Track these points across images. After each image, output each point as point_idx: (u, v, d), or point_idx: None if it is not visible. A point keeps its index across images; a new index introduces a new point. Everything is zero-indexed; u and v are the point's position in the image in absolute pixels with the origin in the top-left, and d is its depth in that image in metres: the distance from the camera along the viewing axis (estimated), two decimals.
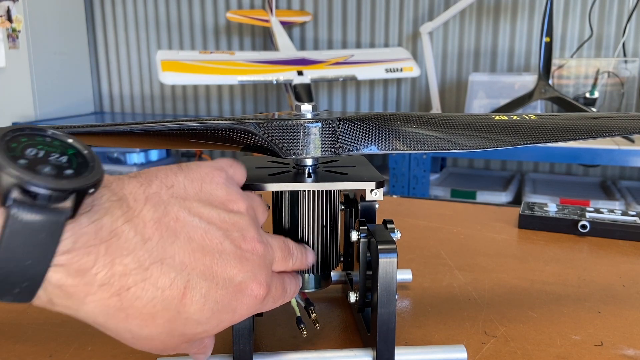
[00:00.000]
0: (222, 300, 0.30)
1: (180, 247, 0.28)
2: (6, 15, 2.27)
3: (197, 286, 0.29)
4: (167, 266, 0.28)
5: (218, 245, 0.30)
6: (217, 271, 0.30)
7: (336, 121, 0.38)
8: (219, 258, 0.30)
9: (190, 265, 0.28)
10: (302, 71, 1.77)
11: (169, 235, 0.28)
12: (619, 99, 1.76)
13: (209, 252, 0.29)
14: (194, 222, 0.30)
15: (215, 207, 0.31)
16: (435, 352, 0.39)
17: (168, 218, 0.29)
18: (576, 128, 0.40)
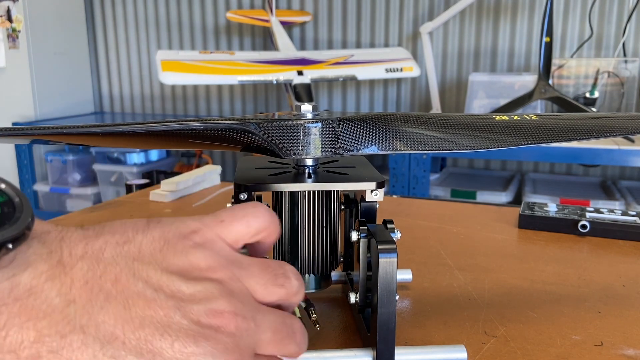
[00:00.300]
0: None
1: (111, 314, 0.23)
2: (6, 15, 2.27)
3: None
4: (90, 336, 0.23)
5: (164, 317, 0.24)
6: (158, 349, 0.23)
7: (336, 121, 0.38)
8: (162, 333, 0.24)
9: (120, 338, 0.23)
10: (302, 71, 1.77)
11: (99, 299, 0.23)
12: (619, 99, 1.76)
13: (150, 325, 0.24)
14: (136, 287, 0.24)
15: (171, 274, 0.25)
16: (435, 352, 0.39)
17: (104, 279, 0.24)
18: (577, 128, 0.40)
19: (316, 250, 0.41)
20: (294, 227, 0.41)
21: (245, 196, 0.39)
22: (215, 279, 0.26)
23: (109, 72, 2.64)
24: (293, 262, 0.42)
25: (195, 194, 0.91)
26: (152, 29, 2.52)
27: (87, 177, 2.28)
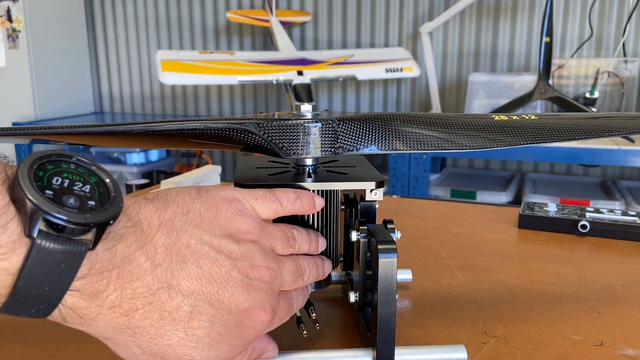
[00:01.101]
0: (228, 325, 0.31)
1: (188, 273, 0.30)
2: (6, 15, 2.27)
3: (204, 311, 0.30)
4: (174, 291, 0.29)
5: (225, 274, 0.31)
6: (224, 298, 0.30)
7: (336, 121, 0.38)
8: (225, 286, 0.31)
9: (197, 291, 0.30)
10: (302, 71, 1.77)
11: (178, 261, 0.29)
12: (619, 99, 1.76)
13: (216, 280, 0.30)
14: (203, 250, 0.31)
15: (226, 237, 0.32)
16: (435, 352, 0.39)
17: (179, 245, 0.30)
18: (576, 128, 0.40)
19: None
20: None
21: None
22: (253, 240, 0.33)
23: (109, 72, 2.64)
24: None
25: None
26: (152, 29, 2.52)
27: None
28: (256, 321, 0.32)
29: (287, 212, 0.36)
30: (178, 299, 0.29)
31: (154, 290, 0.28)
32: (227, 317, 0.31)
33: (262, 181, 0.39)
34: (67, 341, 0.43)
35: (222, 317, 0.30)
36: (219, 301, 0.30)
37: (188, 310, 0.29)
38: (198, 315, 0.29)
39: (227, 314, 0.30)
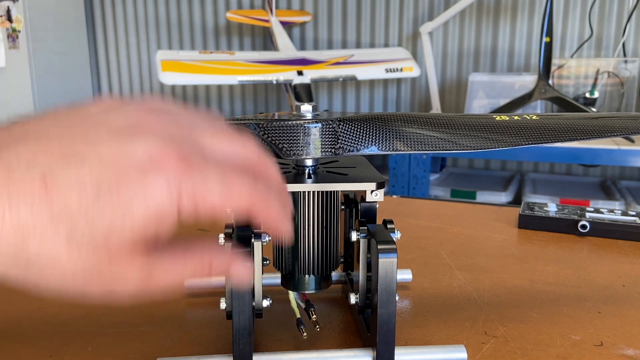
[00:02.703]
0: (101, 181, 0.23)
1: (29, 144, 0.24)
2: (6, 15, 2.27)
3: (60, 173, 0.23)
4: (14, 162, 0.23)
5: (85, 125, 0.25)
6: (82, 150, 0.24)
7: (336, 122, 0.38)
8: (85, 135, 0.24)
9: (42, 154, 0.23)
10: (302, 71, 1.77)
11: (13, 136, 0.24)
12: (619, 99, 1.76)
13: (69, 134, 0.24)
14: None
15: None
16: (435, 352, 0.39)
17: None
18: (577, 128, 0.40)
19: (316, 251, 0.41)
20: (294, 227, 0.41)
21: None
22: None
23: (109, 72, 2.64)
24: (293, 262, 0.42)
25: None
26: (152, 29, 2.52)
27: None
28: (141, 168, 0.24)
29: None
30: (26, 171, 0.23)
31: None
32: (95, 172, 0.23)
33: None
34: (67, 341, 0.43)
35: (89, 174, 0.23)
36: (76, 155, 0.24)
37: (38, 179, 0.23)
38: (53, 180, 0.23)
39: (94, 167, 0.24)
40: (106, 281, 0.24)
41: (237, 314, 0.36)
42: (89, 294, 0.25)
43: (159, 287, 0.26)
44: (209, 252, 0.28)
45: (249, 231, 0.38)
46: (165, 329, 0.45)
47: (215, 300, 0.40)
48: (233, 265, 0.28)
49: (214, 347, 0.42)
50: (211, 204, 0.25)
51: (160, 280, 0.26)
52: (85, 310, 0.49)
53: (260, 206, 0.27)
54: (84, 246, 0.23)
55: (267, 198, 0.27)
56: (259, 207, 0.27)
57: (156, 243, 0.25)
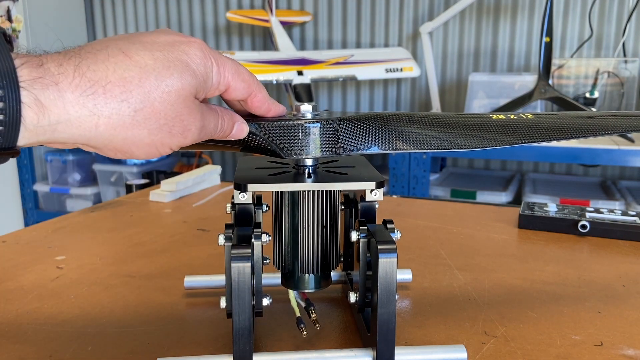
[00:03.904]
0: (163, 48, 0.32)
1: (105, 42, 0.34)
2: (6, 15, 2.27)
3: (132, 48, 0.32)
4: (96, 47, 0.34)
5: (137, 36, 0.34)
6: (143, 38, 0.33)
7: (336, 121, 0.38)
8: (141, 36, 0.34)
9: (114, 43, 0.33)
10: (302, 71, 1.77)
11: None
12: (619, 99, 1.76)
13: (130, 38, 0.33)
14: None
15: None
16: (435, 352, 0.39)
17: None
18: (572, 127, 0.40)
19: (316, 250, 0.41)
20: (294, 227, 0.41)
21: (245, 196, 0.39)
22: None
23: None
24: (293, 261, 0.42)
25: (195, 194, 0.91)
26: (152, 29, 2.51)
27: (87, 177, 2.27)
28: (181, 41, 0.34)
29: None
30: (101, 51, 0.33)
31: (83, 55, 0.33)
32: (155, 48, 0.32)
33: (262, 181, 0.39)
34: (67, 341, 0.43)
35: (151, 49, 0.32)
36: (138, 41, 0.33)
37: (119, 50, 0.32)
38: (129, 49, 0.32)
39: (155, 47, 0.32)
40: (185, 126, 0.33)
41: (237, 314, 0.36)
42: (175, 141, 0.33)
43: (207, 130, 0.35)
44: (219, 108, 0.37)
45: (248, 231, 0.38)
46: (165, 329, 0.45)
47: (215, 300, 0.40)
48: (236, 123, 0.37)
49: (214, 347, 0.42)
50: (228, 80, 0.35)
51: (208, 124, 0.34)
52: (85, 310, 0.49)
53: (256, 90, 0.37)
54: (171, 92, 0.31)
55: (261, 88, 0.38)
56: (255, 91, 0.37)
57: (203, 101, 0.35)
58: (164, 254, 0.63)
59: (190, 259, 0.62)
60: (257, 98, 0.37)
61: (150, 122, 0.31)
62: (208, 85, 0.34)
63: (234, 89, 0.36)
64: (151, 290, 0.53)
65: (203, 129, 0.34)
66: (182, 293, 0.52)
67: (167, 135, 0.32)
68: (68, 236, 0.70)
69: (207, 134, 0.35)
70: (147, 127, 0.31)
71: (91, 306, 0.49)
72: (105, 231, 0.73)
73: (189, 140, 0.33)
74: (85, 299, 0.51)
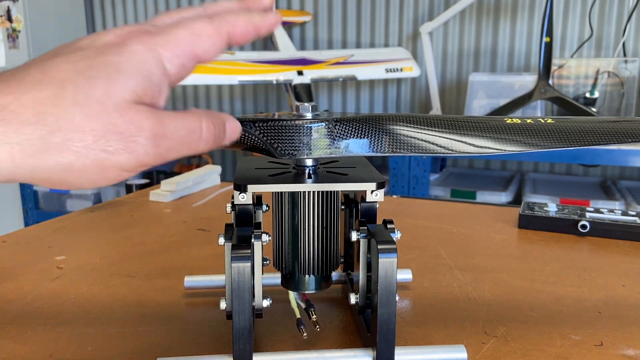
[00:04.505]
0: (88, 56, 0.28)
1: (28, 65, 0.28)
2: (6, 15, 2.27)
3: (53, 63, 0.27)
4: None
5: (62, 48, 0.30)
6: (66, 49, 0.29)
7: (332, 122, 0.38)
8: (65, 47, 0.30)
9: (35, 62, 0.28)
10: (302, 71, 1.77)
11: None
12: (619, 99, 1.76)
13: (56, 51, 0.29)
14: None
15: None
16: (435, 352, 0.39)
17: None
18: (598, 132, 0.37)
19: (316, 251, 0.41)
20: (294, 228, 0.41)
21: (245, 197, 0.39)
22: None
23: None
24: (293, 262, 0.42)
25: (195, 194, 0.91)
26: None
27: None
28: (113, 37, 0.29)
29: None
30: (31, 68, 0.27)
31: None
32: (84, 56, 0.28)
33: (262, 182, 0.39)
34: (67, 341, 0.43)
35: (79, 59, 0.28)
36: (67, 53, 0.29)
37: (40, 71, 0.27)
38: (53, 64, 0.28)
39: (84, 56, 0.28)
40: (127, 138, 0.27)
41: (237, 314, 0.36)
42: (118, 160, 0.27)
43: (173, 139, 0.29)
44: (203, 111, 0.32)
45: (248, 231, 0.38)
46: (165, 329, 0.45)
47: (215, 300, 0.40)
48: (227, 121, 0.32)
49: (214, 347, 0.42)
50: (188, 50, 0.30)
51: (173, 131, 0.29)
52: (85, 310, 0.49)
53: (230, 22, 0.31)
54: (93, 103, 0.26)
55: (230, 16, 0.31)
56: (228, 24, 0.31)
57: (159, 107, 0.30)
58: (164, 254, 0.63)
59: (190, 259, 0.62)
60: (237, 29, 0.31)
61: (74, 143, 0.26)
62: (157, 81, 0.29)
63: (201, 54, 0.30)
64: (151, 290, 0.53)
65: (163, 137, 0.28)
66: (182, 293, 0.52)
67: (103, 156, 0.27)
68: (68, 236, 0.70)
69: (176, 143, 0.29)
70: (73, 150, 0.26)
71: (91, 306, 0.49)
72: (106, 231, 0.73)
73: (142, 155, 0.28)
74: (85, 299, 0.51)
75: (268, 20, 0.32)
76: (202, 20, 0.30)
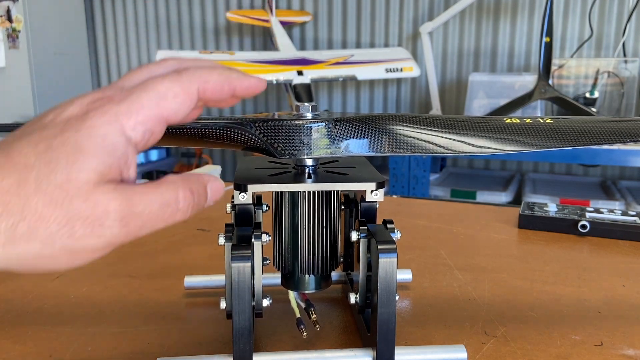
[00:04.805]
0: (48, 136, 0.26)
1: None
2: (6, 15, 2.27)
3: (15, 145, 0.26)
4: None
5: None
6: (28, 129, 0.27)
7: (332, 122, 0.38)
8: (28, 125, 0.28)
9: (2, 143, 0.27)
10: (302, 71, 1.77)
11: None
12: (619, 99, 1.76)
13: (18, 132, 0.27)
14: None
15: None
16: (435, 352, 0.39)
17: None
18: (597, 132, 0.37)
19: (316, 250, 0.41)
20: (294, 227, 0.41)
21: (245, 196, 0.39)
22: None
23: (109, 72, 2.63)
24: (293, 262, 0.42)
25: None
26: (152, 29, 2.52)
27: None
28: (72, 114, 0.27)
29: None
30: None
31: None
32: (45, 134, 0.26)
33: (262, 181, 0.39)
34: (67, 341, 0.43)
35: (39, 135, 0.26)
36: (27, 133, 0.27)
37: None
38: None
39: (44, 132, 0.26)
40: (93, 222, 0.26)
41: (237, 314, 0.36)
42: (85, 244, 0.26)
43: (145, 216, 0.27)
44: (179, 177, 0.29)
45: (248, 231, 0.38)
46: (165, 329, 0.45)
47: (215, 300, 0.40)
48: (209, 183, 0.30)
49: (214, 347, 0.42)
50: (153, 114, 0.28)
51: (144, 208, 0.27)
52: (85, 310, 0.49)
53: (202, 77, 0.29)
54: (55, 190, 0.25)
55: (203, 71, 0.29)
56: (200, 79, 0.29)
57: (129, 178, 0.28)
58: (164, 254, 0.63)
59: (190, 259, 0.62)
60: (209, 85, 0.30)
61: (39, 231, 0.25)
62: (122, 154, 0.27)
63: (168, 116, 0.29)
64: (151, 290, 0.53)
65: (132, 217, 0.27)
66: (182, 293, 0.52)
67: (70, 242, 0.25)
68: None
69: (148, 220, 0.27)
70: (38, 239, 0.25)
71: (91, 306, 0.49)
72: None
73: (110, 237, 0.26)
74: (85, 299, 0.51)
75: (247, 80, 0.31)
76: (170, 78, 0.29)
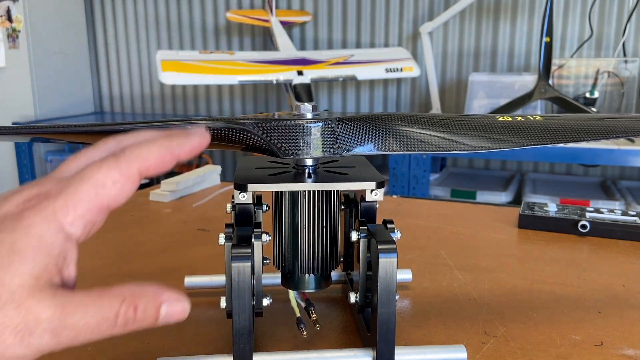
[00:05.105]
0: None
1: None
2: (6, 15, 2.27)
3: None
4: None
5: None
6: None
7: (335, 121, 0.38)
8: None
9: None
10: (302, 71, 1.77)
11: None
12: (619, 99, 1.76)
13: None
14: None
15: None
16: (435, 352, 0.39)
17: None
18: (583, 129, 0.39)
19: (316, 250, 0.41)
20: (294, 227, 0.41)
21: (245, 196, 0.39)
22: None
23: (109, 72, 2.63)
24: (293, 261, 0.42)
25: (195, 194, 0.91)
26: (152, 29, 2.52)
27: None
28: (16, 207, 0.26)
29: None
30: None
31: None
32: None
33: (262, 181, 0.39)
34: None
35: None
36: None
37: None
38: None
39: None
40: (23, 331, 0.24)
41: (237, 314, 0.36)
42: (15, 353, 0.24)
43: (79, 328, 0.25)
44: (130, 290, 0.27)
45: (249, 231, 0.38)
46: (165, 329, 0.45)
47: (215, 300, 0.40)
48: (166, 303, 0.28)
49: (214, 347, 0.42)
50: (93, 205, 0.26)
51: (79, 320, 0.25)
52: None
53: (140, 157, 0.27)
54: None
55: (141, 149, 0.28)
56: (138, 159, 0.27)
57: (68, 283, 0.26)
58: (164, 254, 0.63)
59: (190, 259, 0.62)
60: (150, 162, 0.28)
61: None
62: (59, 253, 0.26)
63: (109, 204, 0.27)
64: None
65: (64, 328, 0.25)
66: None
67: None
68: None
69: (82, 332, 0.25)
70: None
71: None
72: (106, 231, 0.72)
73: (39, 346, 0.24)
74: None
75: (189, 144, 0.29)
76: (107, 164, 0.27)
